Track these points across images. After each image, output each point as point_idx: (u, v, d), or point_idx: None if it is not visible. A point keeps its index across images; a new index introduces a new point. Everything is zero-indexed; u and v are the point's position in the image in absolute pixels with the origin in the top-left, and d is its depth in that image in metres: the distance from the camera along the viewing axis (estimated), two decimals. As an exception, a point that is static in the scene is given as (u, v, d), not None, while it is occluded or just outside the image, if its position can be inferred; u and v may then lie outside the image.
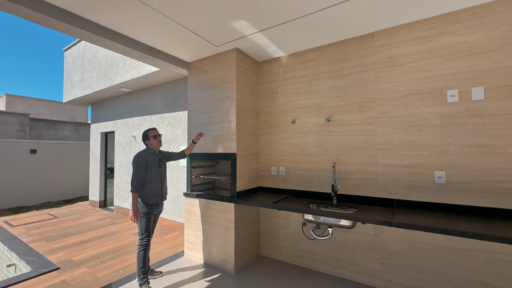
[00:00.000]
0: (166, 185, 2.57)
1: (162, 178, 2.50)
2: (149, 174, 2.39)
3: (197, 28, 2.31)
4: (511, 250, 1.82)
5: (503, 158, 1.85)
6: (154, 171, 2.43)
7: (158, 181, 2.44)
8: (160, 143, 2.53)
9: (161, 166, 2.51)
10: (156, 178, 2.43)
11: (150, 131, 2.50)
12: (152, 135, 2.49)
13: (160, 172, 2.47)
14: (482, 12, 1.94)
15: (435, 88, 2.10)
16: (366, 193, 2.39)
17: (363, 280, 2.39)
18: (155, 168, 2.44)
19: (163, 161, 2.57)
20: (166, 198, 2.62)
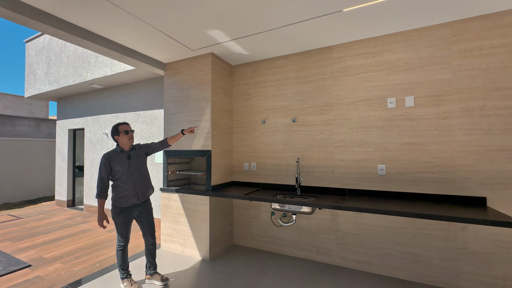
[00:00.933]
0: (145, 183, 2.33)
1: (134, 177, 2.24)
2: (116, 175, 2.18)
3: (174, 34, 2.48)
4: (431, 225, 2.31)
5: (426, 154, 2.33)
6: (122, 171, 2.18)
7: (128, 181, 2.20)
8: (131, 139, 2.27)
9: (132, 164, 2.25)
10: (125, 178, 2.19)
11: (120, 126, 2.25)
12: (123, 130, 2.24)
13: (131, 171, 2.23)
14: (413, 35, 2.40)
15: (378, 96, 2.53)
16: (325, 184, 2.77)
17: (322, 259, 2.78)
18: (122, 167, 2.19)
19: (137, 157, 2.31)
20: (146, 197, 2.36)
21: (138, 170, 2.29)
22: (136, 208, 2.27)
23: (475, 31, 2.17)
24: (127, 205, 2.22)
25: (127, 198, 2.21)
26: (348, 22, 2.27)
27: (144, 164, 2.40)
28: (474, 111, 2.16)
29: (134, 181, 2.25)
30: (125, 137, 2.25)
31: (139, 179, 2.29)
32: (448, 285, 2.23)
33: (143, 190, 2.31)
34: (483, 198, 2.12)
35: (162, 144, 2.49)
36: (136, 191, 2.25)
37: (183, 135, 2.50)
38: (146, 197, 2.35)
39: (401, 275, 2.41)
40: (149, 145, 2.47)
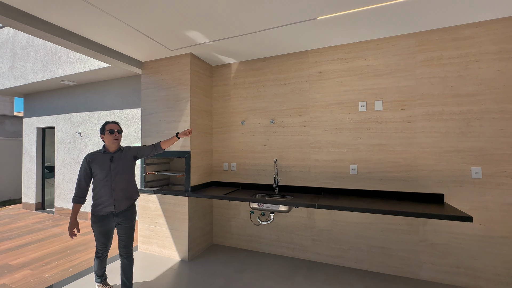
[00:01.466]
0: (126, 190, 2.08)
1: (114, 182, 2.01)
2: (96, 177, 1.99)
3: (151, 33, 2.45)
4: (397, 221, 2.50)
5: (393, 154, 2.51)
6: (101, 175, 1.98)
7: (105, 186, 1.98)
8: (116, 140, 2.07)
9: (114, 167, 2.02)
10: (103, 183, 1.98)
11: (108, 124, 2.08)
12: (108, 129, 2.05)
13: (110, 175, 2.00)
14: (382, 44, 2.57)
15: (351, 100, 2.68)
16: (301, 183, 2.89)
17: (298, 255, 2.89)
18: (102, 170, 1.98)
19: (122, 160, 2.09)
20: (125, 207, 2.08)
21: (119, 175, 2.05)
22: (113, 217, 2.05)
23: (436, 42, 2.38)
24: (103, 213, 2.01)
25: (103, 206, 2.00)
26: (323, 29, 2.38)
27: (130, 169, 2.14)
28: (434, 115, 2.37)
29: (112, 187, 2.00)
30: (110, 137, 2.05)
31: (119, 185, 2.04)
32: (411, 274, 2.44)
33: (122, 198, 2.05)
34: (441, 195, 2.34)
35: (155, 148, 2.26)
36: (113, 198, 2.00)
37: (178, 138, 2.29)
38: (124, 207, 2.07)
39: (370, 267, 2.58)
40: (139, 148, 2.24)
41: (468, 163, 2.26)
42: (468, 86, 2.27)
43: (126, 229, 2.11)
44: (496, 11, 2.08)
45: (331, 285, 2.34)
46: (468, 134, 2.27)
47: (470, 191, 2.26)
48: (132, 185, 2.16)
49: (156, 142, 2.29)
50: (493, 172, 2.19)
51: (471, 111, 2.26)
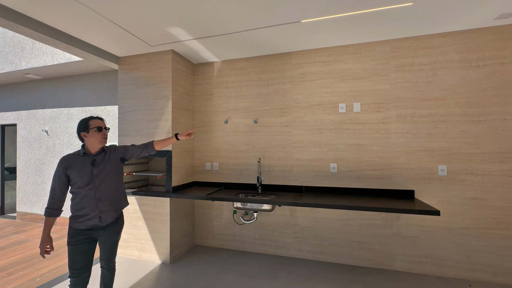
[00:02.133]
0: (115, 199, 1.77)
1: (99, 190, 1.69)
2: (75, 185, 1.65)
3: (130, 27, 2.34)
4: (373, 216, 2.65)
5: (370, 154, 2.66)
6: (82, 182, 1.64)
7: (89, 195, 1.66)
8: (105, 140, 1.75)
9: (97, 172, 1.69)
10: (85, 191, 1.65)
11: (92, 120, 1.71)
12: (95, 126, 1.69)
13: (94, 182, 1.67)
14: (360, 49, 2.70)
15: (331, 101, 2.78)
16: (284, 182, 2.95)
17: (281, 253, 2.95)
18: (82, 176, 1.64)
19: (107, 162, 1.75)
20: (114, 218, 1.77)
21: (105, 181, 1.72)
22: (98, 231, 1.71)
23: (408, 50, 2.56)
24: (85, 227, 1.66)
25: (85, 218, 1.66)
26: (306, 32, 2.45)
27: (118, 174, 1.81)
28: (406, 117, 2.55)
29: (98, 196, 1.68)
30: (98, 136, 1.70)
31: (105, 193, 1.71)
32: (386, 266, 2.61)
33: (109, 209, 1.72)
34: (412, 191, 2.52)
35: (146, 149, 1.96)
36: (99, 209, 1.68)
37: (177, 140, 2.04)
38: (112, 219, 1.76)
39: (349, 261, 2.72)
40: (127, 148, 1.90)
41: (435, 161, 2.47)
42: (436, 91, 2.48)
43: (112, 243, 1.81)
44: (460, 23, 2.29)
45: (313, 280, 2.43)
46: (436, 135, 2.47)
47: (437, 187, 2.47)
48: (121, 192, 1.83)
49: (148, 142, 1.99)
50: (456, 170, 2.42)
51: (438, 114, 2.47)
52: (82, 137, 1.71)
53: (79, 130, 1.71)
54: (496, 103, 2.33)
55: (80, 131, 1.71)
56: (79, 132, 1.71)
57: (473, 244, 2.38)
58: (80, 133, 1.71)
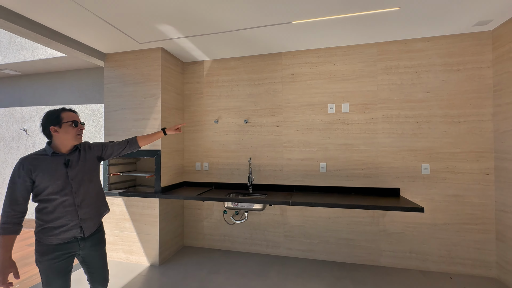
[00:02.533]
0: (95, 205, 1.53)
1: (77, 196, 1.43)
2: (43, 194, 1.35)
3: (118, 23, 2.27)
4: (360, 214, 2.73)
5: (358, 153, 2.73)
6: (55, 186, 1.36)
7: (65, 203, 1.39)
8: (80, 137, 1.49)
9: (74, 175, 1.43)
10: (60, 199, 1.38)
11: (64, 112, 1.43)
12: (69, 120, 1.42)
13: (70, 186, 1.41)
14: (349, 51, 2.77)
15: (321, 102, 2.84)
16: (275, 181, 2.97)
17: (272, 252, 2.97)
18: (55, 181, 1.37)
19: (84, 163, 1.50)
20: (97, 227, 1.55)
21: (84, 184, 1.47)
22: (77, 244, 1.45)
23: (394, 53, 2.65)
24: (60, 240, 1.39)
25: (61, 230, 1.39)
26: (296, 33, 2.48)
27: (96, 175, 1.58)
28: (392, 118, 2.65)
29: (77, 202, 1.43)
30: (72, 132, 1.43)
31: (86, 199, 1.47)
32: (373, 262, 2.69)
33: (92, 216, 1.50)
34: (397, 189, 2.62)
35: (129, 145, 1.76)
36: (78, 218, 1.43)
37: (164, 134, 1.93)
38: (95, 227, 1.52)
39: (337, 258, 2.78)
40: (105, 145, 1.66)
41: (419, 160, 2.58)
42: (419, 93, 2.59)
43: (100, 255, 1.56)
44: (442, 28, 2.40)
45: (303, 278, 2.46)
46: (419, 135, 2.58)
47: (420, 185, 2.57)
48: (101, 197, 1.61)
49: (131, 137, 1.79)
50: (438, 168, 2.53)
51: (422, 115, 2.58)
52: (50, 133, 1.40)
53: (48, 124, 1.39)
54: (474, 105, 2.46)
55: (49, 125, 1.39)
56: (47, 126, 1.39)
57: (453, 239, 2.50)
58: (48, 128, 1.39)
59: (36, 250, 1.38)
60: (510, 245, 2.24)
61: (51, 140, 1.43)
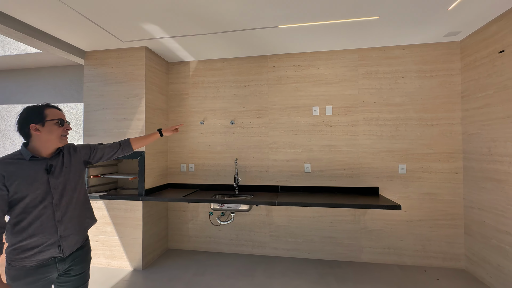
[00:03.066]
0: (79, 218, 1.31)
1: (59, 207, 1.22)
2: (19, 205, 1.14)
3: (101, 21, 2.20)
4: (343, 212, 2.83)
5: (340, 154, 2.84)
6: (34, 196, 1.15)
7: (44, 216, 1.17)
8: (65, 138, 1.28)
9: (56, 183, 1.22)
10: (38, 210, 1.16)
11: (49, 109, 1.23)
12: (54, 118, 1.22)
13: (51, 196, 1.20)
14: (332, 56, 2.88)
15: (305, 104, 2.92)
16: (261, 182, 3.01)
17: (258, 252, 3.00)
18: (34, 190, 1.16)
19: (68, 168, 1.29)
20: (80, 244, 1.32)
21: (67, 194, 1.26)
22: (56, 266, 1.23)
23: (374, 59, 2.79)
24: (36, 262, 1.17)
25: (37, 251, 1.16)
26: (282, 37, 2.54)
27: (81, 182, 1.36)
28: (372, 121, 2.78)
29: (58, 216, 1.21)
30: (57, 132, 1.22)
31: (69, 212, 1.26)
32: (354, 258, 2.80)
33: (73, 232, 1.27)
34: (377, 188, 2.76)
35: (122, 149, 1.57)
36: (58, 235, 1.20)
37: (161, 136, 1.79)
38: (77, 245, 1.31)
39: (321, 256, 2.87)
40: (93, 148, 1.46)
41: (396, 161, 2.73)
42: (397, 97, 2.74)
43: (80, 279, 1.32)
44: (416, 37, 2.56)
45: (289, 276, 2.52)
46: (397, 137, 2.74)
47: (398, 184, 2.73)
48: (85, 208, 1.37)
49: (123, 140, 1.60)
50: (414, 168, 2.70)
51: (399, 118, 2.74)
52: (30, 132, 1.17)
53: (27, 121, 1.17)
54: (445, 109, 2.66)
55: (29, 123, 1.16)
56: (26, 123, 1.17)
57: (427, 234, 2.68)
58: (28, 126, 1.16)
59: (6, 273, 1.16)
60: (476, 238, 2.44)
61: (28, 141, 1.20)
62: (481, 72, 2.34)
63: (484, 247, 2.33)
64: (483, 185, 2.33)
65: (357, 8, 2.01)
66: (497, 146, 2.17)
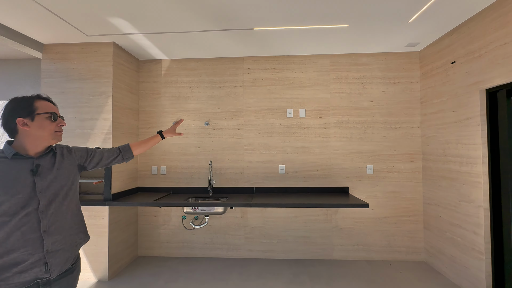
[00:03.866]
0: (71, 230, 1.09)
1: (46, 216, 1.01)
2: None
3: (61, 12, 2.03)
4: (316, 212, 2.92)
5: (313, 156, 2.93)
6: (14, 201, 0.96)
7: (26, 225, 0.97)
8: (59, 134, 1.10)
9: (43, 186, 1.02)
10: (19, 219, 0.96)
11: (40, 101, 1.05)
12: (46, 111, 1.04)
13: (35, 204, 0.99)
14: (305, 60, 2.97)
15: (280, 106, 2.97)
16: (236, 184, 2.98)
17: (232, 255, 2.97)
18: (16, 192, 0.97)
19: (60, 171, 1.09)
20: (72, 261, 1.11)
21: (57, 200, 1.05)
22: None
23: (344, 64, 2.93)
24: (16, 286, 0.94)
25: (17, 270, 0.94)
26: (257, 39, 2.56)
27: (74, 188, 1.15)
28: (342, 123, 2.92)
29: (44, 227, 1.00)
30: (49, 128, 1.05)
31: (58, 220, 1.05)
32: (327, 256, 2.90)
33: (64, 247, 1.06)
34: (347, 188, 2.89)
35: (122, 154, 1.39)
36: (44, 250, 0.99)
37: (162, 138, 1.58)
38: (68, 264, 1.08)
39: (296, 256, 2.92)
40: (90, 152, 1.28)
41: (365, 162, 2.89)
42: (365, 101, 2.91)
43: None
44: (381, 46, 2.75)
45: (264, 277, 2.52)
46: (365, 139, 2.90)
47: (366, 184, 2.88)
48: (78, 220, 1.16)
49: (123, 145, 1.42)
50: (380, 169, 2.88)
51: (367, 122, 2.90)
52: (16, 127, 1.00)
53: (14, 114, 0.99)
54: (407, 114, 2.88)
55: (16, 116, 0.99)
56: (12, 117, 0.99)
57: (392, 230, 2.86)
58: (15, 120, 0.99)
59: None
60: (433, 232, 2.66)
61: (14, 138, 1.03)
62: (437, 80, 2.58)
63: (440, 240, 2.56)
64: (439, 183, 2.56)
65: (329, 16, 2.10)
66: (450, 147, 2.40)
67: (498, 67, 1.90)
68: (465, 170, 2.22)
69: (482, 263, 2.06)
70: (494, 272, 2.03)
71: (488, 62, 1.98)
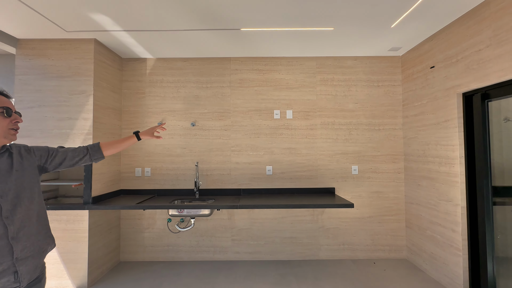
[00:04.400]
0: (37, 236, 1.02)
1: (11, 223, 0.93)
2: None
3: (37, 5, 1.93)
4: (302, 213, 2.94)
5: (300, 156, 2.96)
6: None
7: None
8: (15, 132, 1.02)
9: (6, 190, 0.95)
10: None
11: None
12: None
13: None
14: (292, 62, 2.99)
15: (267, 107, 2.97)
16: (222, 186, 2.95)
17: (219, 257, 2.93)
18: None
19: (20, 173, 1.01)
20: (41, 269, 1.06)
21: (21, 204, 0.98)
22: None
23: (330, 67, 2.98)
24: None
25: None
26: (244, 40, 2.55)
27: (38, 191, 1.07)
28: (328, 125, 2.96)
29: (11, 233, 0.93)
30: (2, 124, 0.97)
31: (24, 226, 0.98)
32: (313, 256, 2.92)
33: (33, 254, 1.00)
34: (333, 188, 2.93)
35: (90, 154, 1.27)
36: (13, 257, 0.93)
37: (138, 139, 1.44)
38: (37, 272, 1.03)
39: (283, 257, 2.92)
40: (52, 150, 1.18)
41: (350, 162, 2.95)
42: (350, 103, 2.97)
43: None
44: (365, 50, 2.82)
45: (250, 279, 2.50)
46: (350, 141, 2.96)
47: (351, 184, 2.94)
48: (44, 224, 1.09)
49: (92, 144, 1.31)
50: (364, 169, 2.95)
51: (352, 123, 2.96)
52: None
53: None
54: (390, 116, 2.97)
55: None
56: None
57: (376, 229, 2.93)
58: None
59: None
60: (414, 230, 2.75)
61: None
62: (417, 84, 2.68)
63: (421, 238, 2.65)
64: (420, 183, 2.66)
65: (315, 18, 2.12)
66: (430, 148, 2.50)
67: (473, 72, 2.00)
68: (444, 170, 2.32)
69: (460, 259, 2.15)
70: (470, 267, 2.13)
71: (464, 67, 2.08)
